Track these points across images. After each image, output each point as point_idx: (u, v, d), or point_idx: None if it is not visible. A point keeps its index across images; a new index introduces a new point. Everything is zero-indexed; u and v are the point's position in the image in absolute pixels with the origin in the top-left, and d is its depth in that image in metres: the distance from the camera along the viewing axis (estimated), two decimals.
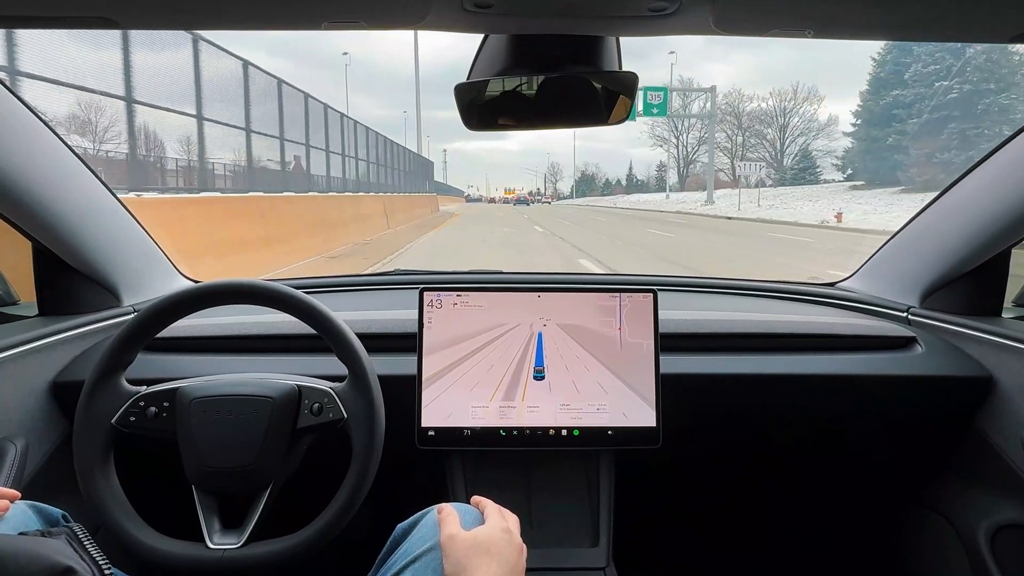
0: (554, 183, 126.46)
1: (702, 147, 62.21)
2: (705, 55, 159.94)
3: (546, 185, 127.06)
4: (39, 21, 0.73)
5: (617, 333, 1.13)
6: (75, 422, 0.90)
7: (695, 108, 44.17)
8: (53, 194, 1.11)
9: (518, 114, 0.88)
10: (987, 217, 1.18)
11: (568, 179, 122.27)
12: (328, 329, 0.94)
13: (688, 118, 56.76)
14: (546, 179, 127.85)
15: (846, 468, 1.50)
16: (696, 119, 55.68)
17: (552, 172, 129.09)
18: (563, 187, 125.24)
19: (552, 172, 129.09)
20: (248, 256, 7.95)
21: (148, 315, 0.93)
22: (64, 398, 1.12)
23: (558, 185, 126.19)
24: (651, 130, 70.78)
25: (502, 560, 0.73)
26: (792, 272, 8.93)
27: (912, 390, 1.25)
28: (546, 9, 0.72)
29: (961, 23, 0.74)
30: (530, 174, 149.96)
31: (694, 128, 66.57)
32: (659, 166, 79.01)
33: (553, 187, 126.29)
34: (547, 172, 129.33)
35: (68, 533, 0.72)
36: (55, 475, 1.09)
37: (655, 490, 1.51)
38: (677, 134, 70.09)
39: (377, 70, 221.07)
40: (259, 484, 0.91)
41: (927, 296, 1.34)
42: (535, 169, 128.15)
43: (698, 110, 44.19)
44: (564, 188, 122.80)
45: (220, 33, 8.73)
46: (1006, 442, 1.16)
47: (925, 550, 1.37)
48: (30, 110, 1.06)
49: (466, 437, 1.11)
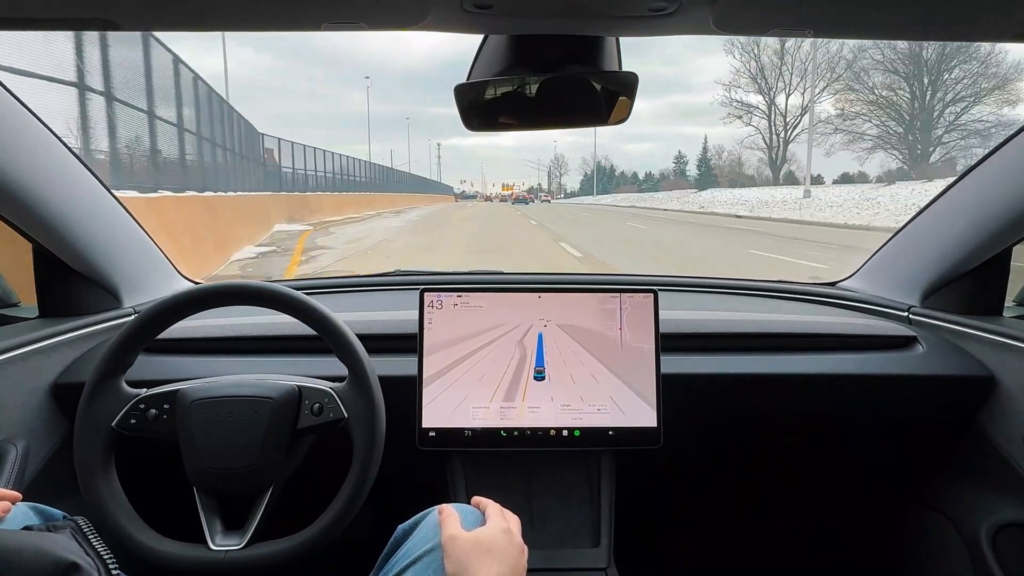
0: (559, 177, 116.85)
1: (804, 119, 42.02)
2: None
3: (550, 180, 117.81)
4: (39, 22, 0.73)
5: (618, 333, 1.13)
6: (75, 425, 0.90)
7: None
8: (53, 196, 1.11)
9: (518, 114, 0.88)
10: (987, 216, 1.18)
11: (575, 173, 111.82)
12: (328, 330, 0.94)
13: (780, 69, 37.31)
14: (550, 173, 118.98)
15: (847, 468, 1.50)
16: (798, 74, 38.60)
17: (557, 165, 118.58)
18: (571, 183, 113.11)
19: (557, 165, 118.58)
20: None
21: (148, 317, 0.93)
22: (65, 400, 1.12)
23: (563, 180, 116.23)
24: (728, 94, 49.39)
25: (503, 561, 0.72)
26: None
27: (913, 390, 1.25)
28: (546, 9, 0.72)
29: (962, 22, 0.74)
30: (531, 168, 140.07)
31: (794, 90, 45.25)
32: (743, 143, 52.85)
33: (558, 182, 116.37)
34: (551, 165, 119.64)
35: (73, 527, 0.72)
36: (56, 477, 1.09)
37: (656, 490, 1.50)
38: (771, 96, 46.87)
39: (372, 68, 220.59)
40: (260, 485, 0.91)
41: (928, 295, 1.34)
42: (537, 162, 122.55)
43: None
44: (573, 184, 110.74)
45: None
46: (1008, 441, 1.15)
47: (926, 550, 1.37)
48: (30, 112, 1.06)
49: (467, 438, 1.11)
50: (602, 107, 0.87)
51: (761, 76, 46.98)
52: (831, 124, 40.96)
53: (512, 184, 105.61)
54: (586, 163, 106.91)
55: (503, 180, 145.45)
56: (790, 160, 50.07)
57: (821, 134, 40.41)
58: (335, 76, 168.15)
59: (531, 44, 0.82)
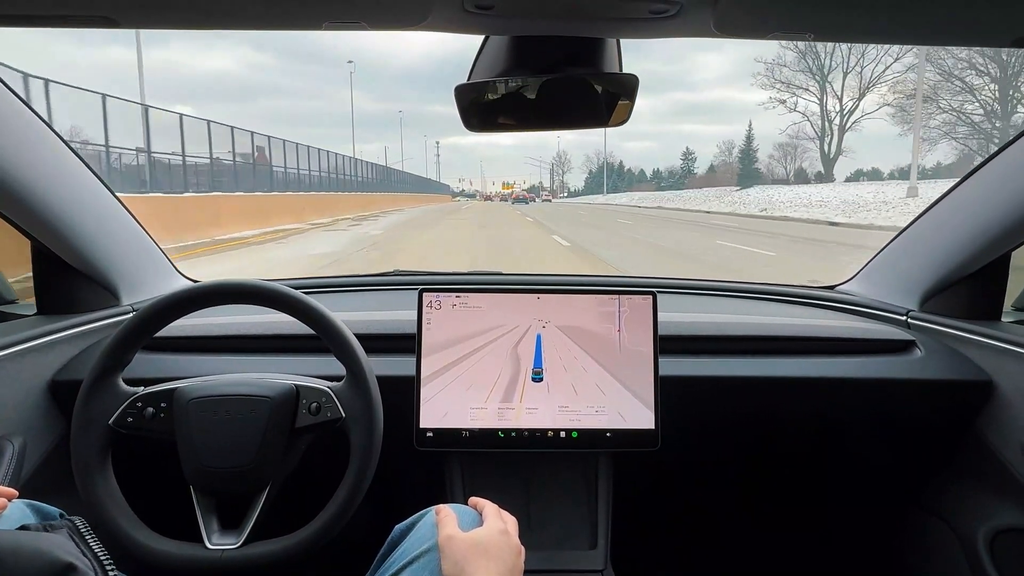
0: (561, 175, 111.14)
1: (863, 103, 34.73)
2: None
3: (552, 178, 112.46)
4: (39, 21, 0.73)
5: (616, 335, 1.13)
6: (72, 423, 0.90)
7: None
8: (53, 193, 1.11)
9: (518, 115, 0.88)
10: (986, 221, 1.18)
11: (579, 171, 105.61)
12: (326, 329, 0.94)
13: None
14: (552, 171, 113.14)
15: (845, 471, 1.50)
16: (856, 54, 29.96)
17: (559, 162, 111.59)
18: (573, 180, 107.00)
19: (559, 162, 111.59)
20: None
21: (147, 314, 0.93)
22: (62, 397, 1.12)
23: (565, 178, 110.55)
24: (769, 74, 39.06)
25: (500, 561, 0.72)
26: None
27: (912, 394, 1.25)
28: (547, 11, 0.72)
29: (962, 26, 0.74)
30: (532, 166, 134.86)
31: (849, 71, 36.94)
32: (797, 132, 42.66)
33: (560, 180, 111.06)
34: (554, 162, 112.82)
35: (70, 527, 0.71)
36: (53, 474, 1.09)
37: (653, 492, 1.50)
38: (824, 76, 37.14)
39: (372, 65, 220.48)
40: (257, 484, 0.90)
41: (927, 300, 1.34)
42: (539, 160, 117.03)
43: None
44: (576, 182, 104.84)
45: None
46: (1006, 446, 1.15)
47: (924, 554, 1.37)
48: (31, 110, 1.06)
49: (464, 439, 1.11)
50: (602, 109, 0.87)
51: (812, 52, 38.11)
52: (906, 111, 33.21)
53: (512, 183, 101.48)
54: (589, 160, 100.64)
55: (503, 178, 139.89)
56: (846, 152, 43.00)
57: (893, 121, 32.59)
58: (324, 74, 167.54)
59: (532, 45, 0.82)
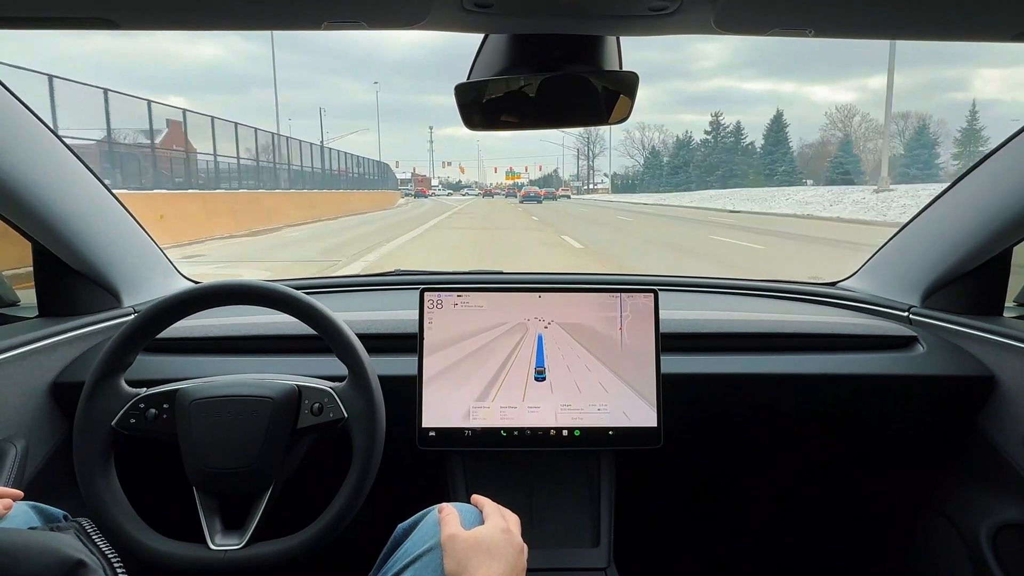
0: (589, 160, 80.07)
1: None
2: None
3: (579, 166, 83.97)
4: (39, 21, 0.73)
5: (618, 333, 1.13)
6: (75, 425, 0.90)
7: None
8: (54, 195, 1.11)
9: (519, 113, 0.88)
10: (988, 216, 1.18)
11: (615, 154, 72.61)
12: (328, 329, 0.94)
13: None
14: (578, 158, 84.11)
15: (846, 468, 1.50)
16: None
17: (588, 142, 79.15)
18: (604, 166, 77.29)
19: (588, 142, 79.15)
20: None
21: (148, 316, 0.93)
22: (64, 399, 1.12)
23: (596, 162, 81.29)
24: None
25: (503, 560, 0.72)
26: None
27: (913, 390, 1.24)
28: (546, 9, 0.72)
29: (962, 22, 0.74)
30: (554, 151, 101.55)
31: None
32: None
33: (590, 169, 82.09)
34: (581, 147, 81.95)
35: (77, 527, 0.72)
36: (56, 476, 1.09)
37: (656, 490, 1.51)
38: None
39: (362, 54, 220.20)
40: (260, 485, 0.90)
41: (928, 295, 1.34)
42: (560, 141, 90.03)
43: None
44: (613, 167, 76.23)
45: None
46: (1007, 442, 1.15)
47: (926, 549, 1.37)
48: (30, 112, 1.06)
49: (467, 437, 1.11)
50: (602, 106, 0.87)
51: None
52: None
53: (519, 173, 78.73)
54: (630, 139, 67.48)
55: (510, 165, 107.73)
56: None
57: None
58: (313, 62, 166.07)
59: (531, 43, 0.82)
